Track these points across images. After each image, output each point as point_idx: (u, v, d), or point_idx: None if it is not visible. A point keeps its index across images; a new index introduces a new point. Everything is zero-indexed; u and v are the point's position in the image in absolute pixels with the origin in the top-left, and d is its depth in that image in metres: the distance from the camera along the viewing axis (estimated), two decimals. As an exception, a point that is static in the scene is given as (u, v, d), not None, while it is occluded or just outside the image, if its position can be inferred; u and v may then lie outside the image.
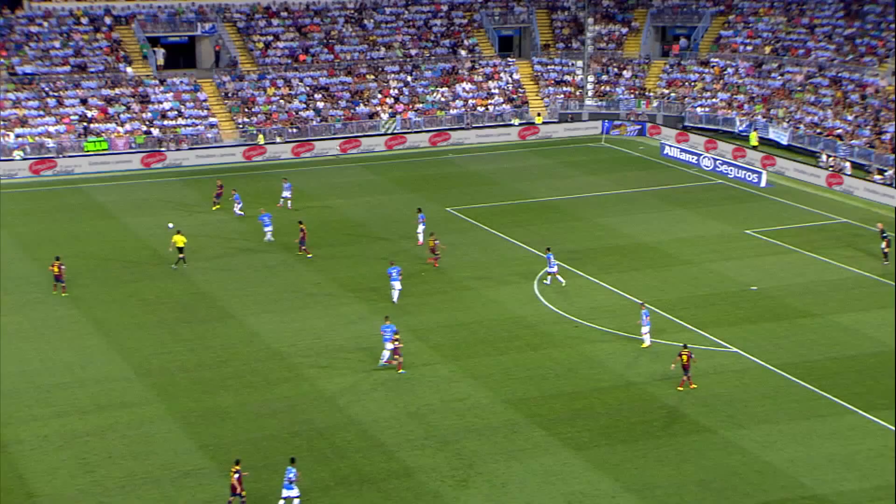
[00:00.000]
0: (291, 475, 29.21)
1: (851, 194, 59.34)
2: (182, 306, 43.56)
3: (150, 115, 69.61)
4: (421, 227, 50.26)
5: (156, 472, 31.27)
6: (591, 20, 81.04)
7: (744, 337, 39.99)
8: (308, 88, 73.71)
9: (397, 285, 43.34)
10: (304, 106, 72.47)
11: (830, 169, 61.98)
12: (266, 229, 51.04)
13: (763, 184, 61.04)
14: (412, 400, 35.67)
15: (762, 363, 38.15)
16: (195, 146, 68.14)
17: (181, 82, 72.64)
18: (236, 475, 29.06)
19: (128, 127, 68.29)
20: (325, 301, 44.07)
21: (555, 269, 44.83)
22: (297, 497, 29.23)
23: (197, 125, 69.76)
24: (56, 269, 44.55)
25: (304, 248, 49.18)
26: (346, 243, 50.90)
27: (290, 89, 73.42)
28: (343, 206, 57.74)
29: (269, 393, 36.28)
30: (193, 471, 31.35)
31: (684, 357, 35.66)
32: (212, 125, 70.09)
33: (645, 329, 39.16)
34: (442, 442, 32.81)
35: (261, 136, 69.20)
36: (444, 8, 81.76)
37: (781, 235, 52.13)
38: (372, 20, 79.68)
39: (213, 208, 56.68)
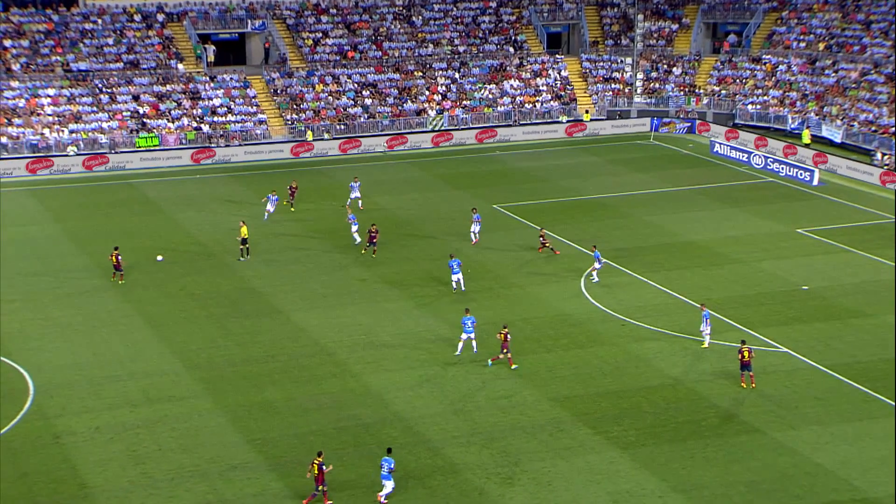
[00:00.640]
0: (390, 466, 29.35)
1: (905, 193, 58.57)
2: (230, 301, 43.92)
3: (200, 111, 70.26)
4: (476, 227, 50.13)
5: (204, 465, 31.56)
6: (640, 16, 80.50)
7: (794, 337, 39.55)
8: (356, 85, 73.97)
9: (457, 277, 43.74)
10: (352, 103, 72.75)
11: (885, 167, 61.14)
12: (353, 230, 50.19)
13: (815, 182, 60.35)
14: (457, 397, 35.68)
15: (813, 363, 37.71)
16: (244, 142, 68.68)
17: (231, 79, 73.24)
18: (320, 467, 28.97)
19: (179, 123, 68.98)
20: (371, 297, 44.21)
21: (600, 265, 44.69)
22: (391, 487, 29.30)
23: (246, 122, 70.30)
24: (114, 259, 45.73)
25: (371, 247, 48.46)
26: (391, 240, 51.02)
27: (338, 86, 73.73)
28: (389, 203, 57.88)
29: (316, 388, 36.47)
30: (241, 464, 31.60)
31: (745, 353, 35.37)
32: (261, 121, 70.58)
33: (706, 330, 38.83)
34: (487, 439, 32.79)
35: (309, 132, 69.59)
36: (493, 5, 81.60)
37: (833, 234, 51.50)
38: (420, 17, 79.76)
39: (291, 209, 55.77)
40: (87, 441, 32.93)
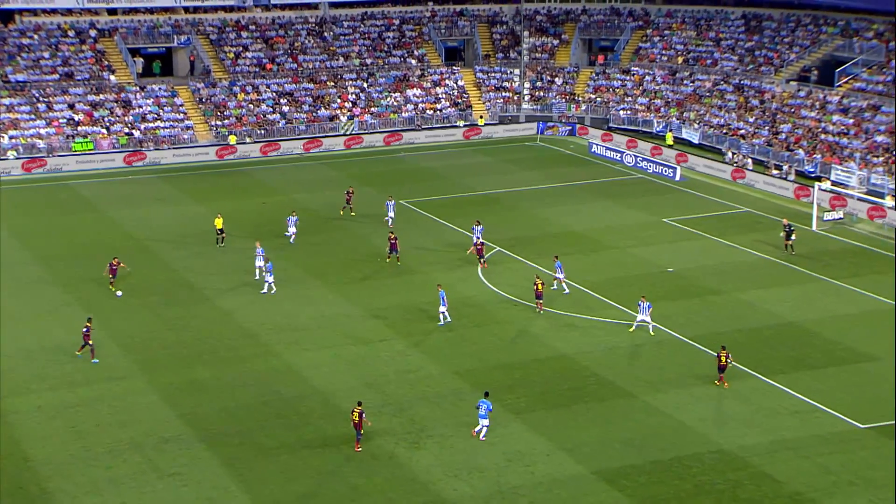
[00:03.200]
0: (488, 407, 30.50)
1: (753, 187, 60.03)
2: (163, 291, 42.99)
3: (131, 118, 68.54)
4: (477, 235, 46.27)
5: (139, 439, 30.90)
6: (526, 33, 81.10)
7: (662, 313, 40.31)
8: (274, 94, 72.97)
9: (443, 308, 39.15)
10: (271, 110, 71.75)
11: (735, 165, 62.65)
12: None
13: (677, 178, 61.54)
14: (370, 372, 35.55)
15: (677, 335, 38.52)
16: (173, 146, 67.23)
17: (160, 89, 71.55)
18: (359, 415, 29.66)
19: (112, 129, 67.16)
20: (292, 285, 43.73)
21: (562, 275, 42.30)
22: (487, 426, 30.56)
23: (174, 127, 68.79)
24: (110, 270, 42.49)
25: (394, 254, 45.50)
26: (310, 233, 50.50)
27: (258, 95, 72.62)
28: (307, 200, 57.28)
29: (242, 367, 35.95)
30: (173, 437, 31.02)
31: (722, 357, 33.91)
32: (188, 127, 69.13)
33: (640, 318, 38.02)
34: (397, 409, 32.75)
35: (232, 136, 68.41)
36: (396, 22, 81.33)
37: (693, 223, 52.62)
38: (331, 33, 79.04)
39: (341, 213, 53.30)
40: (30, 419, 31.97)
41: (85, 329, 36.16)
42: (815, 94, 66.50)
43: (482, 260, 45.00)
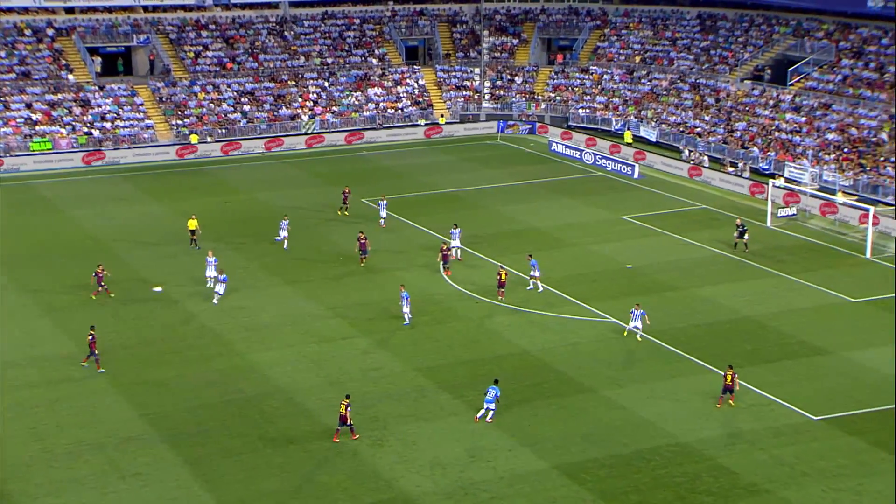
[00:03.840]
0: (496, 394, 31.35)
1: (709, 184, 60.64)
2: (123, 290, 42.50)
3: (90, 117, 67.67)
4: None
5: (100, 439, 30.56)
6: (486, 33, 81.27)
7: (621, 308, 40.56)
8: (235, 93, 72.44)
9: (406, 309, 38.92)
10: (233, 109, 71.24)
11: (691, 162, 63.28)
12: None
13: (636, 175, 62.01)
14: (333, 370, 35.45)
15: (636, 331, 38.76)
16: (133, 146, 66.49)
17: (119, 88, 70.73)
18: (347, 408, 30.06)
19: (70, 128, 66.28)
20: (253, 283, 43.47)
21: (538, 274, 42.02)
22: (493, 410, 31.37)
23: (134, 127, 68.04)
24: (95, 278, 41.46)
25: (364, 256, 45.04)
26: (272, 232, 50.23)
27: (218, 94, 72.05)
28: (269, 198, 56.96)
29: (204, 366, 35.69)
30: (135, 437, 30.73)
31: (728, 377, 32.55)
32: (148, 126, 68.42)
33: (632, 324, 37.60)
34: (360, 406, 32.66)
35: (194, 136, 67.82)
36: (357, 21, 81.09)
37: (652, 220, 53.07)
38: (292, 32, 78.63)
39: (339, 213, 52.76)
40: (-11, 422, 31.48)
41: (90, 337, 34.84)
42: (768, 93, 67.36)
43: (446, 266, 44.28)
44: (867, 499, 27.84)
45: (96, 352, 34.88)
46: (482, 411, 31.69)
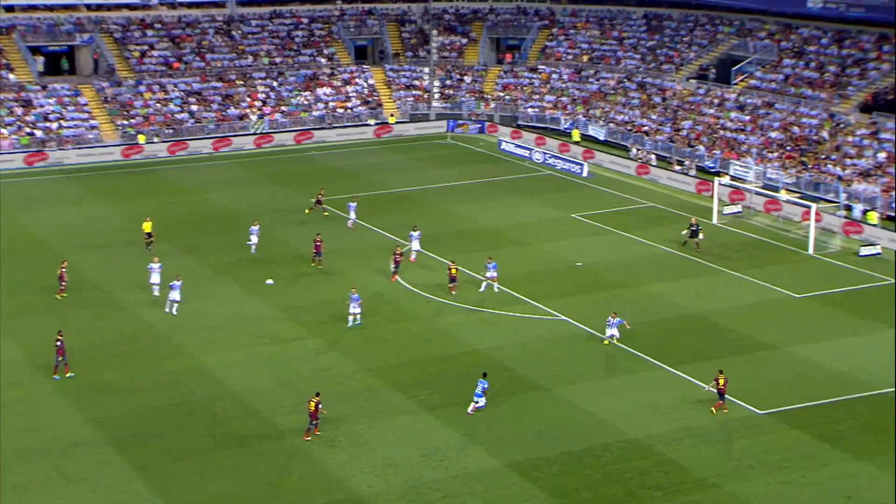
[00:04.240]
0: (484, 386, 31.65)
1: (657, 182, 61.26)
2: (70, 293, 41.75)
3: (33, 117, 66.36)
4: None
5: (46, 444, 30.03)
6: (435, 32, 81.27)
7: (571, 307, 40.90)
8: (182, 93, 71.56)
9: (356, 311, 38.78)
10: (179, 109, 70.35)
11: (639, 160, 63.89)
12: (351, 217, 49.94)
13: (585, 174, 62.43)
14: (284, 371, 35.20)
15: (586, 328, 39.08)
16: (77, 146, 65.35)
17: (63, 88, 69.46)
18: (316, 405, 30.12)
19: (12, 129, 64.94)
20: (201, 284, 42.97)
21: (495, 276, 41.78)
22: (482, 405, 31.72)
23: (79, 127, 66.88)
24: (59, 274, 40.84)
25: (318, 258, 44.59)
26: (221, 232, 49.72)
27: (165, 94, 71.12)
28: (217, 199, 56.38)
29: (153, 369, 35.21)
30: (82, 441, 30.23)
31: (720, 381, 32.22)
32: (93, 127, 67.29)
33: (609, 332, 37.18)
34: (311, 407, 32.49)
35: (141, 136, 66.85)
36: (305, 21, 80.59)
37: (601, 218, 53.46)
38: (240, 31, 77.88)
39: (307, 211, 52.17)
40: (-70, 430, 30.71)
41: (58, 343, 34.15)
42: (713, 92, 68.29)
43: (395, 271, 43.53)
44: (810, 489, 28.38)
45: (65, 357, 34.15)
46: (472, 405, 32.01)
